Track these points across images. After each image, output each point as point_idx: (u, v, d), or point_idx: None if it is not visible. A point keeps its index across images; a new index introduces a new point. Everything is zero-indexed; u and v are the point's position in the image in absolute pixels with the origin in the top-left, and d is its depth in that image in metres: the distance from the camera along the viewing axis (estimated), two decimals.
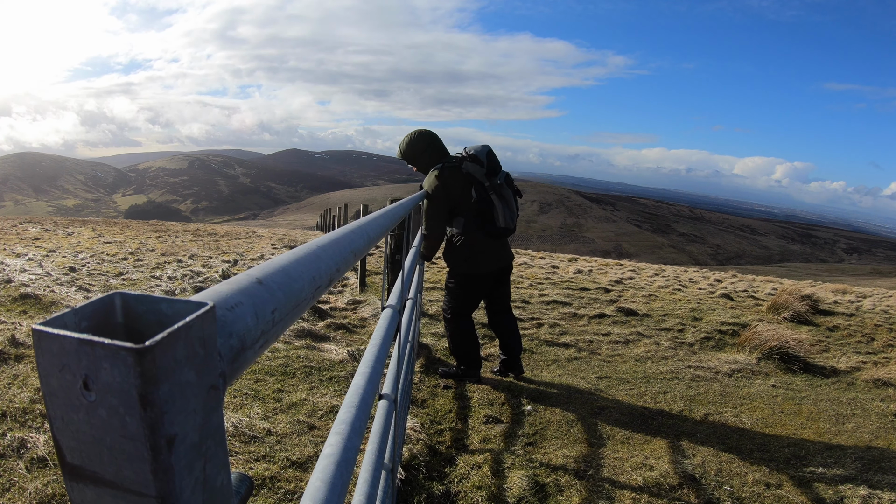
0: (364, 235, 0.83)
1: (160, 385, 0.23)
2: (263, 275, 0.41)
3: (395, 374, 1.49)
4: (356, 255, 0.72)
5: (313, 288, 0.49)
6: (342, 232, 0.72)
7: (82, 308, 0.27)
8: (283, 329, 0.41)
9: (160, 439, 0.23)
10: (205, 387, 0.27)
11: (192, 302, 0.28)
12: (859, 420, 3.16)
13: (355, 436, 0.75)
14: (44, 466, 1.92)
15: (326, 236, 0.65)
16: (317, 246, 0.58)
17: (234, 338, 0.33)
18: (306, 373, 3.15)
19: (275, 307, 0.39)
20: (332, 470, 0.64)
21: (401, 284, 1.58)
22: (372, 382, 0.95)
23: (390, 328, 1.25)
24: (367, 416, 0.85)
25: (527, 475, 2.24)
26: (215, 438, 0.28)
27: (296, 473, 2.10)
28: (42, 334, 0.24)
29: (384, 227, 1.08)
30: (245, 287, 0.38)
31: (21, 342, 3.12)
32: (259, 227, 39.91)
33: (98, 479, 0.24)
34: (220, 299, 0.34)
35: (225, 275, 6.11)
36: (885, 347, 4.87)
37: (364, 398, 0.86)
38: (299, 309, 0.45)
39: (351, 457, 0.70)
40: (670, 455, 2.54)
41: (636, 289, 7.12)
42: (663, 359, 4.09)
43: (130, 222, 15.52)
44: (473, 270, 3.16)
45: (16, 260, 6.19)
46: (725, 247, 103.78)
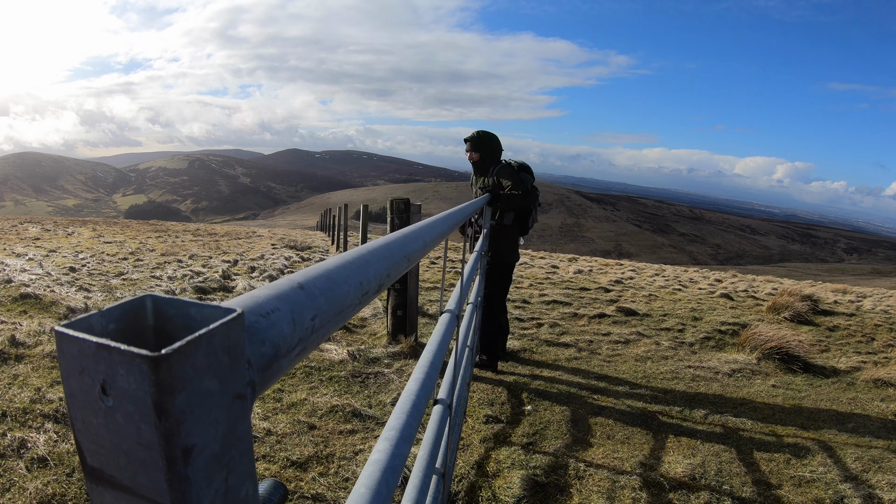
0: (419, 240, 0.80)
1: (176, 394, 0.23)
2: (306, 279, 0.40)
3: (451, 380, 1.46)
4: (410, 261, 0.70)
5: (360, 293, 0.47)
6: (396, 236, 0.70)
7: (110, 310, 0.27)
8: (324, 336, 0.40)
9: (176, 449, 0.23)
10: (229, 396, 0.26)
11: (221, 308, 0.27)
12: (859, 420, 3.16)
13: (404, 443, 0.73)
14: (44, 466, 1.92)
15: (378, 240, 0.63)
16: (367, 250, 0.56)
17: (267, 345, 0.32)
18: (306, 373, 3.15)
19: (315, 313, 0.38)
20: (378, 477, 0.63)
21: (460, 289, 1.54)
22: (425, 388, 0.92)
23: (447, 333, 1.21)
24: (418, 423, 0.82)
25: (527, 475, 2.24)
26: (240, 448, 0.27)
27: (296, 473, 2.10)
28: (63, 336, 0.24)
29: (442, 231, 1.05)
30: (284, 292, 0.36)
31: (21, 342, 3.12)
32: (259, 227, 39.89)
33: (116, 484, 0.24)
34: (254, 305, 0.33)
35: (225, 275, 6.11)
36: (885, 347, 4.88)
37: (416, 404, 0.84)
38: (343, 315, 0.44)
39: (398, 464, 0.68)
40: (670, 455, 2.55)
41: (636, 289, 7.12)
42: (663, 359, 4.09)
43: (130, 222, 15.51)
44: (514, 260, 3.61)
45: (16, 260, 6.19)
46: (725, 247, 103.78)
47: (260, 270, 6.71)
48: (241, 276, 6.11)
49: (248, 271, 6.62)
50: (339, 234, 10.28)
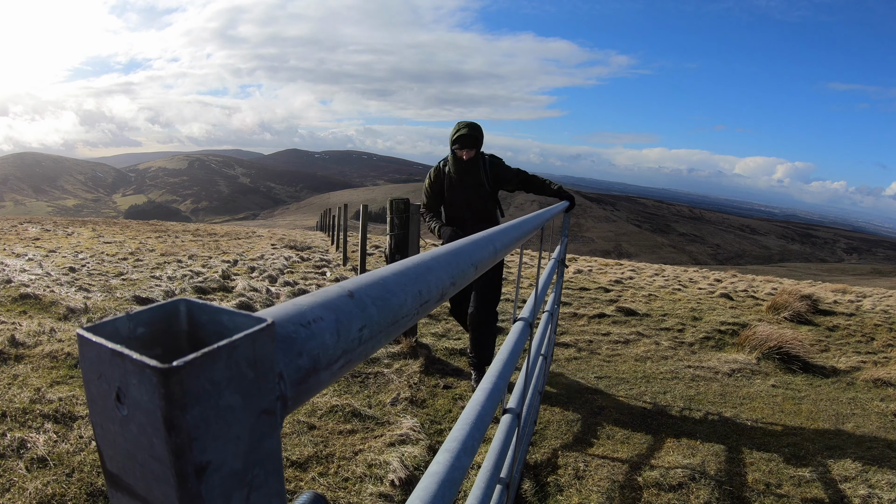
0: (489, 246, 0.76)
1: (189, 409, 0.22)
2: (357, 287, 0.38)
3: (521, 389, 1.41)
4: (478, 268, 0.65)
5: (418, 303, 0.44)
6: (465, 242, 0.66)
7: (139, 313, 0.26)
8: (373, 349, 0.37)
9: (187, 466, 0.22)
10: (253, 412, 0.25)
11: (252, 317, 0.26)
12: (859, 420, 3.17)
13: (465, 455, 0.69)
14: (44, 466, 1.92)
15: (445, 247, 0.60)
16: (430, 257, 0.53)
17: (305, 357, 0.30)
18: None
19: (364, 324, 0.36)
20: (434, 490, 0.60)
21: (534, 297, 1.48)
22: (492, 399, 0.87)
23: (520, 342, 1.17)
24: (482, 436, 0.77)
25: (527, 475, 2.25)
26: (266, 467, 0.26)
27: (295, 473, 2.10)
28: (83, 339, 0.23)
29: (515, 238, 1.00)
30: (331, 300, 0.34)
31: (21, 342, 3.12)
32: (259, 227, 39.87)
33: (133, 493, 0.23)
34: (295, 313, 0.31)
35: (225, 275, 6.11)
36: (884, 347, 4.88)
37: (481, 415, 0.80)
38: (398, 326, 0.41)
39: (457, 476, 0.65)
40: (670, 455, 2.55)
41: (636, 289, 7.13)
42: (663, 358, 4.09)
43: (130, 222, 15.51)
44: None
45: (16, 260, 6.19)
46: (725, 247, 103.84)
47: (260, 270, 6.71)
48: (240, 276, 6.11)
49: (247, 271, 6.62)
50: (338, 234, 10.29)
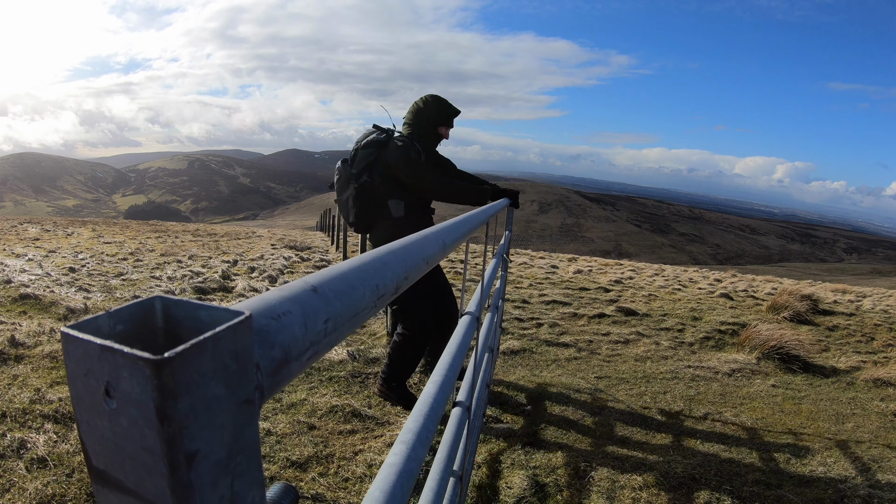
0: (438, 242, 0.78)
1: (180, 399, 0.22)
2: (320, 282, 0.39)
3: (470, 382, 1.45)
4: (429, 263, 0.69)
5: (376, 297, 0.47)
6: (414, 238, 0.70)
7: (118, 311, 0.26)
8: (337, 340, 0.39)
9: (178, 455, 0.23)
10: (236, 401, 0.26)
11: (230, 310, 0.27)
12: (859, 420, 3.17)
13: (420, 446, 0.72)
14: (44, 467, 1.92)
15: (396, 242, 0.63)
16: (385, 252, 0.55)
17: (277, 349, 0.31)
18: (306, 373, 3.15)
19: (328, 317, 0.37)
20: (393, 480, 0.63)
21: (480, 291, 1.52)
22: (443, 391, 0.91)
23: (467, 336, 1.20)
24: (436, 427, 0.81)
25: (527, 475, 2.24)
26: (247, 454, 0.27)
27: (295, 473, 2.10)
28: (69, 337, 0.24)
29: (463, 234, 1.03)
30: (297, 295, 0.36)
31: (21, 342, 3.12)
32: (259, 227, 39.89)
33: (121, 487, 0.24)
34: (265, 307, 0.32)
35: (225, 275, 6.10)
36: (884, 347, 4.88)
37: (434, 408, 0.83)
38: (358, 319, 0.43)
39: (414, 467, 0.68)
40: (670, 455, 2.55)
41: (636, 289, 7.13)
42: (663, 358, 4.09)
43: (130, 223, 15.51)
44: None
45: (15, 260, 6.19)
46: (725, 246, 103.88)
47: (260, 271, 6.71)
48: (240, 277, 6.11)
49: (247, 271, 6.62)
50: (338, 234, 10.29)
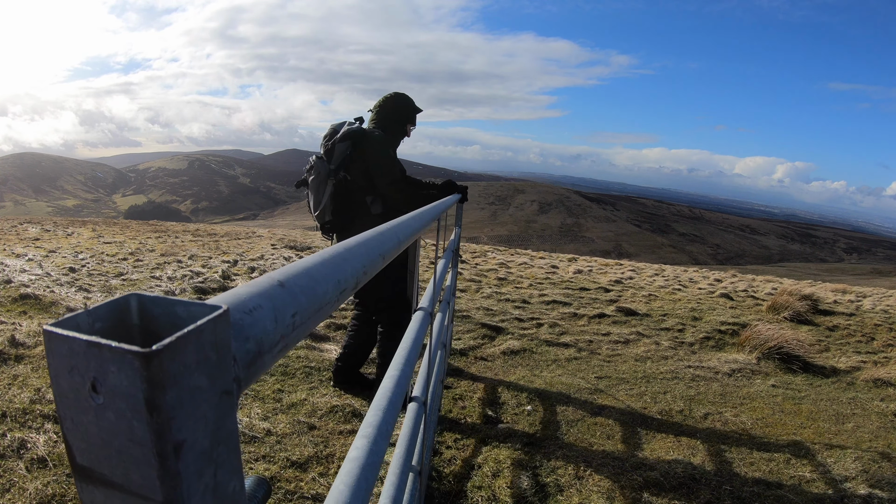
0: (393, 238, 0.81)
1: (167, 390, 0.23)
2: (286, 277, 0.41)
3: (425, 377, 1.47)
4: (385, 258, 0.71)
5: (338, 291, 0.49)
6: (370, 234, 0.72)
7: (96, 309, 0.27)
8: (304, 333, 0.41)
9: (167, 445, 0.23)
10: (217, 392, 0.27)
11: (207, 305, 0.28)
12: (859, 420, 3.16)
13: (381, 439, 0.74)
14: (44, 467, 1.92)
15: (353, 239, 0.65)
16: (343, 248, 0.57)
17: (251, 342, 0.32)
18: (306, 373, 3.15)
19: (296, 311, 0.39)
20: (357, 473, 0.64)
21: (433, 287, 1.55)
22: (400, 386, 0.93)
23: (421, 331, 1.22)
24: (395, 420, 0.83)
25: (527, 475, 2.24)
26: (228, 444, 0.28)
27: (296, 473, 2.10)
28: (52, 335, 0.24)
29: (415, 229, 1.06)
30: (265, 290, 0.37)
31: (21, 342, 3.12)
32: (259, 227, 39.91)
33: (107, 482, 0.24)
34: (237, 302, 0.33)
35: (225, 275, 6.10)
36: (884, 347, 4.88)
37: (392, 401, 0.85)
38: (322, 312, 0.45)
39: (376, 461, 0.69)
40: (670, 455, 2.55)
41: (636, 289, 7.12)
42: (663, 359, 4.09)
43: (130, 223, 15.51)
44: None
45: (16, 260, 6.19)
46: (725, 247, 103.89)
47: (260, 271, 6.70)
48: (240, 277, 6.11)
49: (247, 271, 6.62)
50: None
